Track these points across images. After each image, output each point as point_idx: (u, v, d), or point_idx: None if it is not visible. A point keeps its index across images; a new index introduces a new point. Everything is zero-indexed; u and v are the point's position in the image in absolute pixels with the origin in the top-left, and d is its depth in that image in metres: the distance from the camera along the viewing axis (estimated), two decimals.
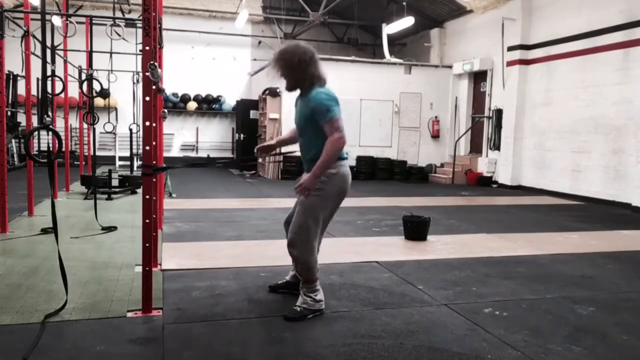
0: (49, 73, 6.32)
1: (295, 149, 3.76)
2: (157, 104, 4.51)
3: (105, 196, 8.10)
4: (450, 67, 13.69)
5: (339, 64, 13.15)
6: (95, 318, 3.22)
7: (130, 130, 10.88)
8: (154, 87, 3.62)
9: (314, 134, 3.33)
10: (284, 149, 4.19)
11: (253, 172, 13.84)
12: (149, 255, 3.37)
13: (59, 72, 7.49)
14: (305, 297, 3.40)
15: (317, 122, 3.27)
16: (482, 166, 12.55)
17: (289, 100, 12.63)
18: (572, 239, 6.25)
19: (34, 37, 6.35)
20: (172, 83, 14.14)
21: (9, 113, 10.74)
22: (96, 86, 7.39)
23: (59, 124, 8.76)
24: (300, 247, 3.35)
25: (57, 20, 7.31)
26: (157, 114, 4.65)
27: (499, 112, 12.03)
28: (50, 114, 4.63)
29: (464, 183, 12.59)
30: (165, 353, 2.80)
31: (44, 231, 5.50)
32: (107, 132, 11.26)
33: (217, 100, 15.91)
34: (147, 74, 3.34)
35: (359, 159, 13.07)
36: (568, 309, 3.69)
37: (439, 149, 13.89)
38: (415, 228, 5.84)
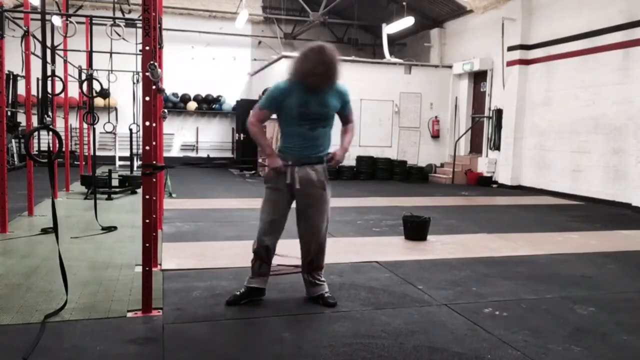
0: (49, 73, 6.31)
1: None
2: (157, 104, 4.51)
3: (105, 196, 8.10)
4: (450, 67, 13.69)
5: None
6: (95, 318, 3.22)
7: (130, 130, 10.88)
8: (154, 87, 3.62)
9: (330, 127, 3.58)
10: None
11: (253, 172, 13.84)
12: (149, 255, 3.37)
13: (59, 72, 7.49)
14: (325, 281, 3.71)
15: (342, 112, 3.62)
16: (482, 166, 12.55)
17: None
18: (572, 239, 6.25)
19: (34, 37, 6.34)
20: (172, 83, 14.13)
21: (9, 113, 10.73)
22: (96, 86, 7.38)
23: (59, 124, 8.75)
24: (325, 240, 3.65)
25: (57, 20, 7.31)
26: (157, 114, 4.65)
27: (499, 112, 12.03)
28: (50, 114, 4.63)
29: (464, 183, 12.59)
30: (165, 353, 2.80)
31: (44, 231, 5.50)
32: (107, 132, 11.26)
33: (217, 100, 15.91)
34: (147, 74, 3.34)
35: (359, 159, 13.06)
36: (568, 309, 3.69)
37: (439, 149, 13.89)
38: (415, 228, 5.84)
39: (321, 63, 3.35)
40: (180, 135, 16.00)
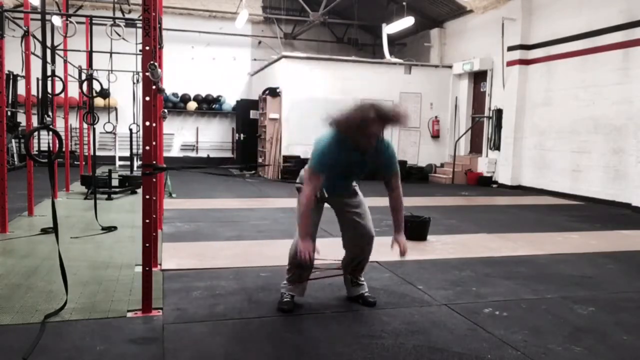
0: (49, 73, 6.31)
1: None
2: (157, 104, 4.51)
3: (105, 196, 8.10)
4: (450, 67, 13.69)
5: (339, 64, 13.16)
6: (95, 318, 3.22)
7: (130, 130, 10.88)
8: (154, 87, 3.62)
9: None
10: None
11: (253, 172, 13.85)
12: (149, 255, 3.37)
13: (59, 72, 7.49)
14: (364, 281, 3.75)
15: (385, 172, 3.50)
16: (482, 166, 12.55)
17: (289, 100, 12.64)
18: (572, 239, 6.25)
19: (34, 37, 6.34)
20: (172, 83, 14.12)
21: (9, 113, 10.73)
22: (96, 86, 7.38)
23: (59, 124, 8.74)
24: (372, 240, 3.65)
25: (57, 20, 7.31)
26: (157, 114, 4.65)
27: (499, 112, 12.03)
28: (50, 114, 4.63)
29: (464, 183, 12.59)
30: (165, 353, 2.80)
31: (44, 231, 5.50)
32: (107, 132, 11.25)
33: (217, 100, 15.90)
34: (147, 74, 3.33)
35: None
36: (568, 309, 3.69)
37: (439, 149, 13.89)
38: (415, 228, 5.84)
39: (373, 123, 3.11)
40: (180, 135, 15.99)
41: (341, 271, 3.76)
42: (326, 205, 3.64)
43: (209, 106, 15.90)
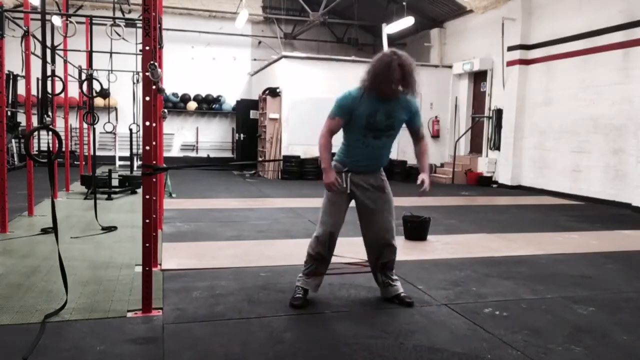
0: (49, 73, 6.31)
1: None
2: (157, 104, 4.51)
3: (105, 196, 8.10)
4: (450, 67, 13.69)
5: (339, 64, 13.15)
6: (95, 318, 3.22)
7: (130, 130, 10.88)
8: (154, 87, 3.62)
9: (394, 138, 3.58)
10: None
11: (253, 172, 13.85)
12: (149, 255, 3.37)
13: (59, 72, 7.49)
14: (397, 280, 3.74)
15: (410, 124, 3.58)
16: (482, 166, 12.55)
17: (289, 100, 12.64)
18: (572, 239, 6.25)
19: (34, 37, 6.34)
20: (172, 83, 14.13)
21: (9, 113, 10.73)
22: (96, 86, 7.38)
23: (59, 124, 8.75)
24: (395, 239, 3.62)
25: (57, 20, 7.30)
26: (157, 114, 4.65)
27: (499, 112, 12.03)
28: (50, 114, 4.64)
29: (464, 183, 12.58)
30: (165, 353, 2.80)
31: (44, 231, 5.50)
32: (107, 132, 11.26)
33: (217, 100, 15.90)
34: (147, 74, 3.33)
35: None
36: (568, 309, 3.69)
37: (439, 149, 13.89)
38: (415, 228, 5.84)
39: (398, 67, 3.27)
40: (180, 135, 15.99)
41: (356, 268, 3.78)
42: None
43: (209, 106, 15.90)
